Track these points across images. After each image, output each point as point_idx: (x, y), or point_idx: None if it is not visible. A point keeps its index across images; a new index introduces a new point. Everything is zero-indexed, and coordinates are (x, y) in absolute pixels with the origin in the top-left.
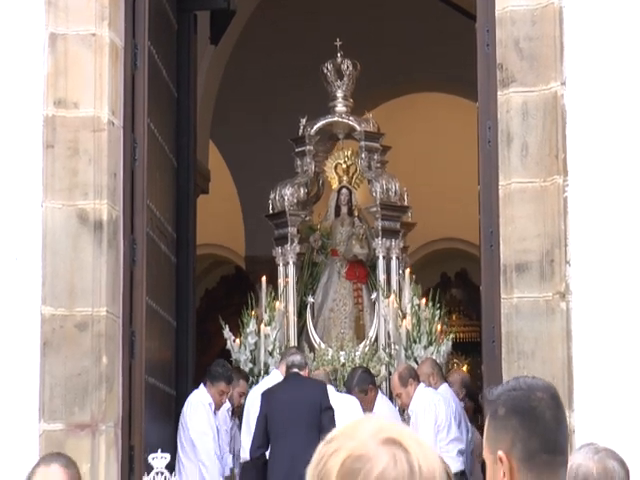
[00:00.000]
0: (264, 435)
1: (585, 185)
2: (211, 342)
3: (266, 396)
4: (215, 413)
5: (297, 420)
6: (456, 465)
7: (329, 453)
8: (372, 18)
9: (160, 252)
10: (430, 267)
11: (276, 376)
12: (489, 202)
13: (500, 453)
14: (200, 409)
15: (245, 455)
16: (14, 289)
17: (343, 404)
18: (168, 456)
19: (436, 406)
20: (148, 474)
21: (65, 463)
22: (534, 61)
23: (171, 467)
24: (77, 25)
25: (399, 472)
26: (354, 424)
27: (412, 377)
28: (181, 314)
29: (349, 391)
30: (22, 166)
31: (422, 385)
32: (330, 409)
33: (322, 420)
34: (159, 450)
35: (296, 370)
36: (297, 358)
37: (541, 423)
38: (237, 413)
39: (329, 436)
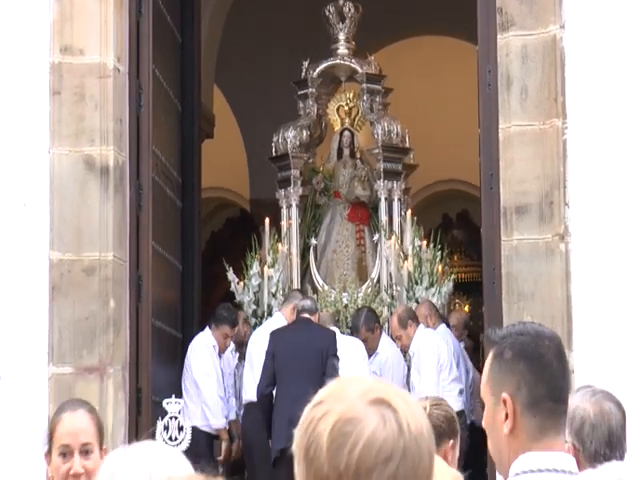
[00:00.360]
0: (272, 374)
1: (584, 128)
2: (217, 284)
3: (275, 336)
4: (220, 356)
5: (303, 364)
6: (457, 405)
7: (318, 417)
8: None
9: (166, 197)
10: (432, 208)
11: (279, 319)
12: (489, 145)
13: (505, 395)
14: (204, 351)
15: (247, 396)
16: (23, 234)
17: (348, 346)
18: (182, 401)
19: (438, 346)
20: (162, 419)
21: (89, 409)
22: (533, 5)
23: None
24: None
25: (388, 432)
26: (342, 384)
27: (411, 318)
28: (187, 258)
29: (356, 330)
30: (29, 112)
31: (422, 326)
32: (336, 357)
33: (327, 367)
34: (169, 393)
35: (307, 315)
36: (308, 303)
37: (548, 370)
38: (242, 353)
39: (317, 397)
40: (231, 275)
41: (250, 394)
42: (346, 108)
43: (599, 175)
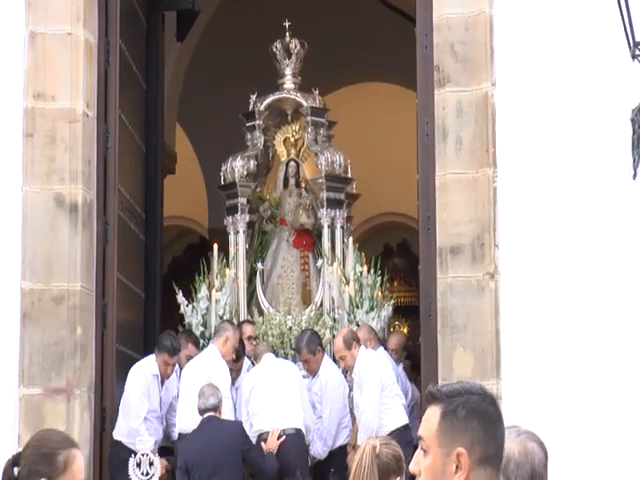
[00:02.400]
0: None
1: (512, 176)
2: (176, 306)
3: (184, 445)
4: (162, 383)
5: (219, 466)
6: (402, 418)
7: None
8: (322, 12)
9: (130, 231)
10: (374, 238)
11: (213, 351)
12: (427, 190)
13: (461, 450)
14: (139, 378)
15: (181, 425)
16: None
17: (281, 370)
18: (152, 439)
19: (379, 365)
20: (134, 456)
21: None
22: (467, 64)
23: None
24: (55, 24)
25: None
26: None
27: (355, 340)
28: (149, 286)
29: (298, 351)
30: (4, 153)
31: (363, 347)
32: (251, 450)
33: (249, 464)
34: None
35: (212, 413)
36: (209, 401)
37: (498, 428)
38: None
39: None
40: (180, 298)
41: (185, 423)
42: (292, 140)
43: (526, 219)
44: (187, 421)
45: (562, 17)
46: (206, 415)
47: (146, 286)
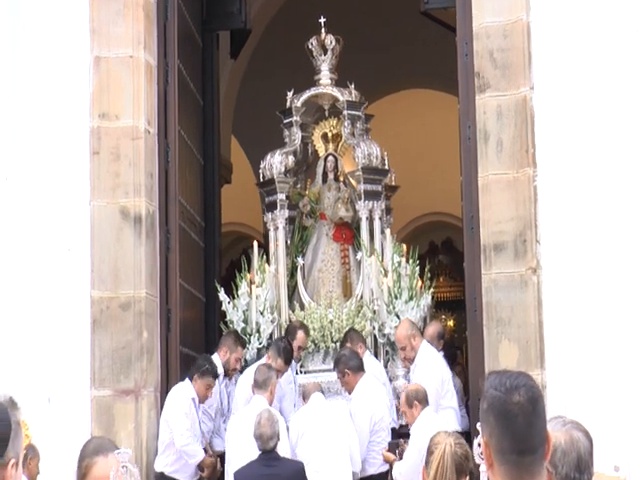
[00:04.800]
0: None
1: (552, 175)
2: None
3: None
4: (199, 406)
5: None
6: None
7: None
8: (367, 27)
9: (190, 239)
10: (420, 237)
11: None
12: (470, 191)
13: (482, 439)
14: (182, 402)
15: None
16: (68, 276)
17: (332, 414)
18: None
19: (438, 364)
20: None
21: (115, 450)
22: (506, 69)
23: None
24: (117, 48)
25: None
26: None
27: (414, 331)
28: (209, 289)
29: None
30: (72, 170)
31: (425, 342)
32: None
33: None
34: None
35: (269, 448)
36: (266, 432)
37: (512, 426)
38: (231, 375)
39: None
40: (222, 295)
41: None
42: (330, 135)
43: (566, 216)
44: (237, 446)
45: (597, 22)
46: (265, 448)
47: (206, 289)
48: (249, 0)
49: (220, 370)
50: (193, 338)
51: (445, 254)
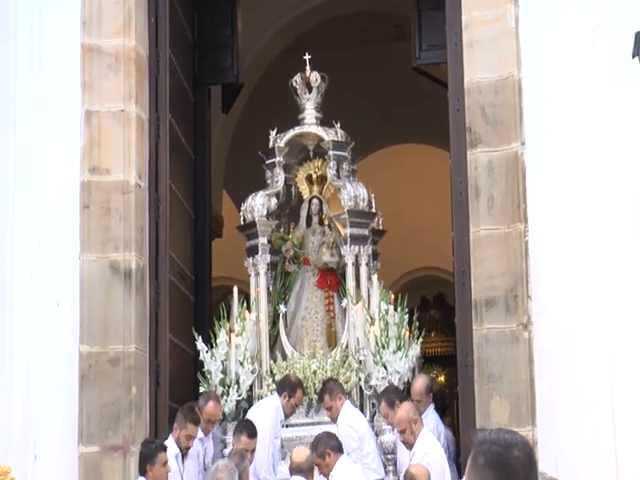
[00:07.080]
0: None
1: (543, 230)
2: None
3: None
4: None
5: None
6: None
7: None
8: (359, 82)
9: (180, 293)
10: (412, 291)
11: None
12: (461, 246)
13: None
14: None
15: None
16: (56, 330)
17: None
18: None
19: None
20: None
21: None
22: (497, 125)
23: None
24: (108, 103)
25: None
26: None
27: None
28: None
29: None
30: (62, 224)
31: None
32: None
33: None
34: None
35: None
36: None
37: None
38: (185, 453)
39: None
40: (200, 344)
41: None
42: (315, 177)
43: (557, 270)
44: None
45: (586, 78)
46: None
47: (195, 344)
48: (241, 54)
49: (174, 450)
50: (182, 393)
51: (437, 309)
